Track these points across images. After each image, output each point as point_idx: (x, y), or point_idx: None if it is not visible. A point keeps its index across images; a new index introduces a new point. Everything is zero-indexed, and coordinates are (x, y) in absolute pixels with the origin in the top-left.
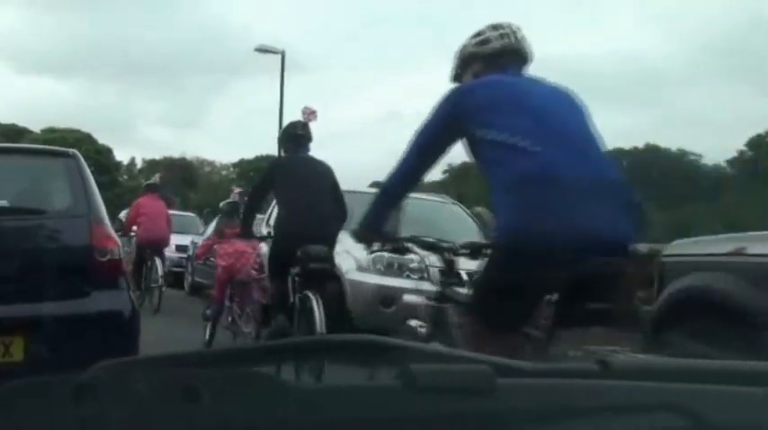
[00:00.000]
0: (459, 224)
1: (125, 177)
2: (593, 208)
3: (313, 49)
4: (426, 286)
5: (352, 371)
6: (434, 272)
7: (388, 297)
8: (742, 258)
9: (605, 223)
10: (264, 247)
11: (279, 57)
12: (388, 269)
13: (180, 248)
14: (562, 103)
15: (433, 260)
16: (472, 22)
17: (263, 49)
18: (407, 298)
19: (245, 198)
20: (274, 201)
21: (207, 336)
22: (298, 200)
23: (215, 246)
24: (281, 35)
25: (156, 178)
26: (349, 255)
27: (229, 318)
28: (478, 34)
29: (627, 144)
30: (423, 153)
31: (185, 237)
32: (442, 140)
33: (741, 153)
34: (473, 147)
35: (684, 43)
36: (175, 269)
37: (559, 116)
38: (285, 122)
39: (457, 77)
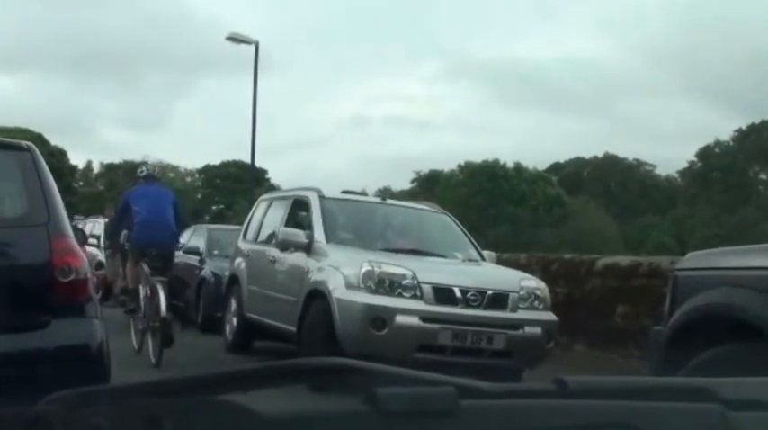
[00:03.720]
0: (449, 234)
1: (81, 183)
2: (160, 234)
3: (279, 48)
4: (420, 305)
5: (319, 397)
6: (427, 289)
7: (380, 318)
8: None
9: (162, 239)
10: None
11: (251, 49)
12: (380, 286)
13: None
14: (159, 194)
15: (424, 276)
16: (440, 26)
17: (234, 39)
18: (401, 319)
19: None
20: None
21: None
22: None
23: None
24: (247, 33)
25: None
26: (336, 270)
27: None
28: (140, 168)
29: (587, 153)
30: (120, 214)
31: None
32: (126, 208)
33: (691, 164)
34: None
35: (635, 52)
36: None
37: (156, 200)
38: (259, 123)
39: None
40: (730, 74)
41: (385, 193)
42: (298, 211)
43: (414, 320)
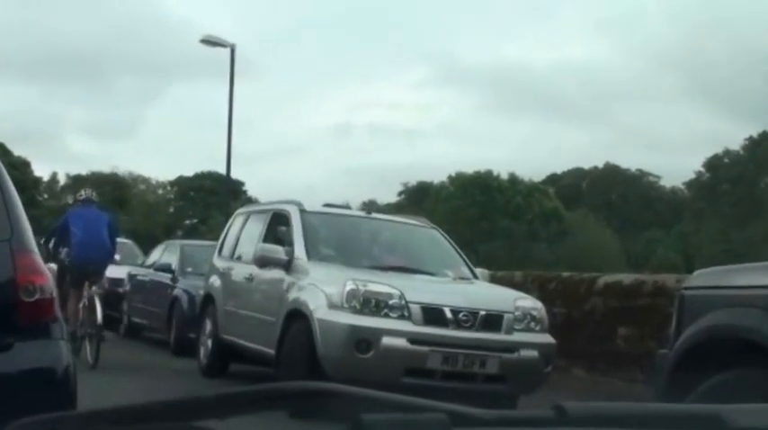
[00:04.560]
0: (439, 250)
1: (45, 196)
2: (95, 252)
3: (256, 52)
4: (408, 326)
5: (300, 423)
6: (416, 309)
7: (365, 340)
8: None
9: (98, 257)
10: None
11: (227, 53)
12: (365, 306)
13: (113, 282)
14: (96, 217)
15: (413, 296)
16: (428, 28)
17: (209, 41)
18: (387, 340)
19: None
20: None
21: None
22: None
23: None
24: (223, 35)
25: None
26: (318, 289)
27: None
28: (80, 192)
29: (586, 163)
30: (60, 232)
31: (121, 268)
32: (65, 228)
33: (698, 174)
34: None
35: (637, 55)
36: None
37: (92, 222)
38: (235, 131)
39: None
40: (740, 78)
41: (370, 207)
42: (277, 226)
43: (401, 342)
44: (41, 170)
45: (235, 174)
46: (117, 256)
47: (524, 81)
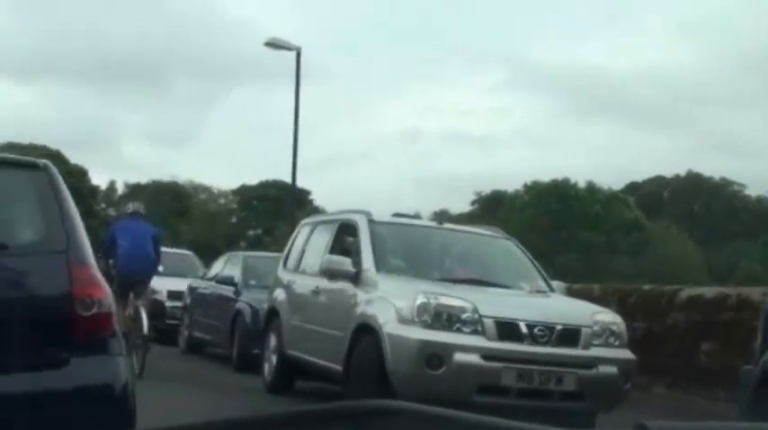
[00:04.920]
0: (514, 262)
1: (103, 205)
2: (140, 264)
3: (321, 54)
4: (482, 342)
5: None
6: (490, 323)
7: (437, 355)
8: None
9: (143, 269)
10: None
11: (292, 56)
12: (436, 320)
13: (173, 295)
14: (141, 229)
15: (486, 310)
16: (501, 30)
17: (274, 44)
18: (460, 356)
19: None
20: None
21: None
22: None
23: None
24: (285, 37)
25: None
26: (387, 302)
27: None
28: (127, 205)
29: (668, 171)
30: (108, 245)
31: (181, 280)
32: (113, 241)
33: None
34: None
35: (721, 58)
36: (169, 321)
37: (138, 235)
38: (300, 138)
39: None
40: None
41: (442, 217)
42: (344, 237)
43: (474, 358)
44: (99, 178)
45: (300, 183)
46: (161, 268)
47: (602, 85)
